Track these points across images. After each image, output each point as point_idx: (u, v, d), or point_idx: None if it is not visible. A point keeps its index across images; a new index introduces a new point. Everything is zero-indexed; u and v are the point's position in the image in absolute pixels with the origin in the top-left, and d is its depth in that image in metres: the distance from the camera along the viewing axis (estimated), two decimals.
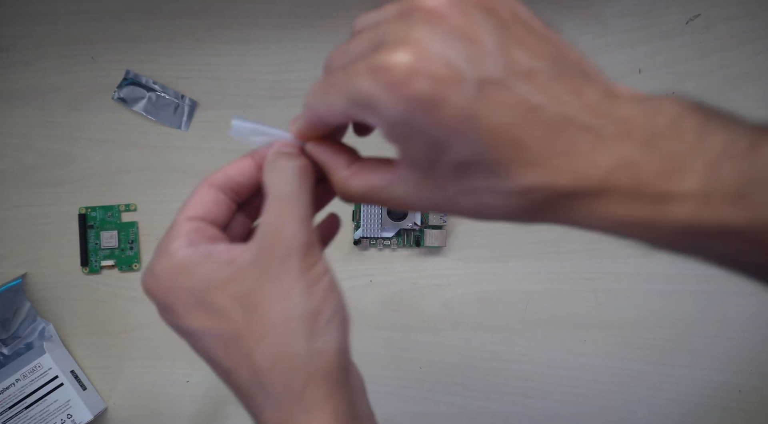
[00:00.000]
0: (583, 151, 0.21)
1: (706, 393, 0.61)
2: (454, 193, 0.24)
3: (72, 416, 0.58)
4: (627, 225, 0.21)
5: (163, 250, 0.28)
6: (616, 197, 0.21)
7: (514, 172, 0.22)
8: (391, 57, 0.21)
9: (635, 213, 0.21)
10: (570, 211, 0.22)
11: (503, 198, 0.23)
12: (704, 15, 0.61)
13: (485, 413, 0.61)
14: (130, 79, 0.61)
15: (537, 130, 0.21)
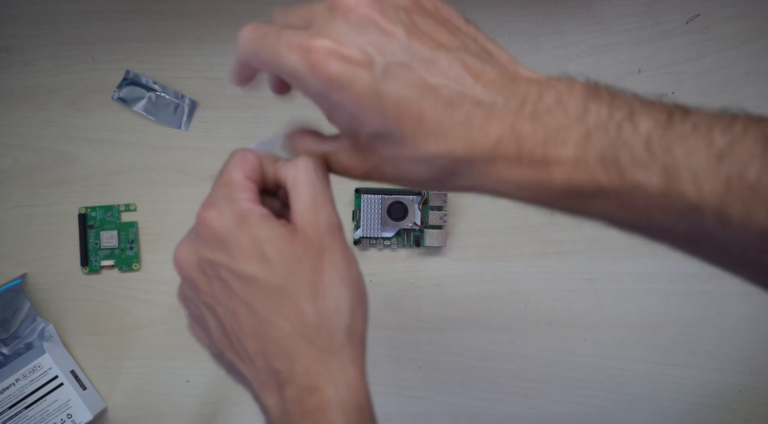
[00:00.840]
0: (476, 124, 0.24)
1: (706, 393, 0.61)
2: (377, 161, 0.28)
3: (72, 416, 0.58)
4: (518, 188, 0.25)
5: (228, 196, 0.29)
6: (505, 163, 0.24)
7: (418, 142, 0.25)
8: (314, 40, 0.26)
9: (523, 177, 0.24)
10: (471, 177, 0.26)
11: (415, 165, 0.26)
12: (704, 15, 0.61)
13: (485, 413, 0.61)
14: (130, 79, 0.61)
15: (436, 105, 0.25)
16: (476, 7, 0.61)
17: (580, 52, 0.61)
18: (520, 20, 0.61)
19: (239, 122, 0.62)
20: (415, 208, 0.60)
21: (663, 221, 0.23)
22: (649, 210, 0.23)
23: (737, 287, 0.60)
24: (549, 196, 0.25)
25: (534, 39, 0.61)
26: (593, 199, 0.24)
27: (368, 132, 0.27)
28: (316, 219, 0.29)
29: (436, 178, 0.27)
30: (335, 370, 0.27)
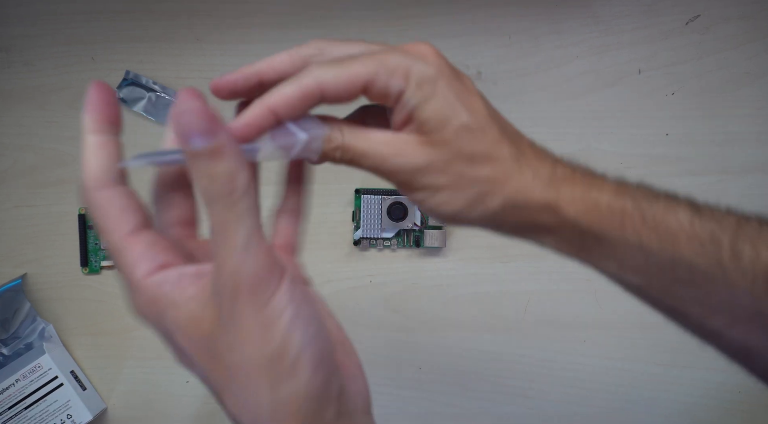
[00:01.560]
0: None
1: (706, 393, 0.61)
2: (447, 156, 0.28)
3: (72, 416, 0.58)
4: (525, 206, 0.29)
5: (131, 280, 0.24)
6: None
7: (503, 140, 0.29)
8: (416, 46, 0.28)
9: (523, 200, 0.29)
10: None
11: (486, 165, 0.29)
12: (704, 15, 0.61)
13: (485, 413, 0.61)
14: (130, 79, 0.61)
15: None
16: (476, 8, 0.61)
17: (580, 52, 0.61)
18: (520, 20, 0.61)
19: None
20: (415, 208, 0.60)
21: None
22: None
23: None
24: (533, 212, 0.29)
25: (534, 39, 0.61)
26: (542, 212, 0.29)
27: (462, 123, 0.27)
28: (219, 272, 0.22)
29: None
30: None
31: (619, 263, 0.28)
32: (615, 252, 0.28)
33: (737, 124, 0.61)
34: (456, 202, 0.28)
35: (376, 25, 0.61)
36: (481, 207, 0.28)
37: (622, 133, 0.61)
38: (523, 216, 0.28)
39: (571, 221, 0.28)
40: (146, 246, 0.23)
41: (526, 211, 0.28)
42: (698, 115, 0.61)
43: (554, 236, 0.29)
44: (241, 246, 0.21)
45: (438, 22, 0.61)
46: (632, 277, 0.28)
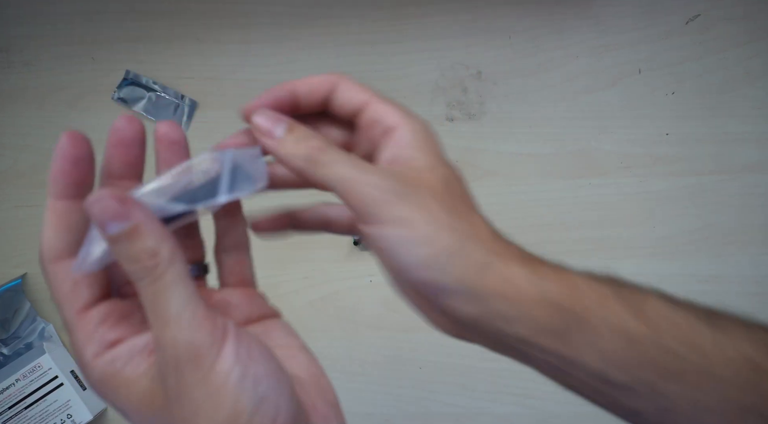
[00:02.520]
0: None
1: None
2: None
3: (72, 416, 0.58)
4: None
5: (81, 361, 0.23)
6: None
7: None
8: None
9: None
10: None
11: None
12: (704, 15, 0.61)
13: (485, 413, 0.61)
14: (130, 79, 0.61)
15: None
16: (477, 8, 0.61)
17: (580, 53, 0.61)
18: (520, 20, 0.61)
19: (239, 122, 0.62)
20: None
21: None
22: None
23: (736, 287, 0.60)
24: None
25: (534, 39, 0.61)
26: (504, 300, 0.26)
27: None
28: (158, 348, 0.21)
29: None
30: None
31: (601, 354, 0.25)
32: (599, 340, 0.25)
33: (737, 124, 0.61)
34: (427, 246, 0.26)
35: (376, 25, 0.61)
36: (456, 263, 0.25)
37: (622, 133, 0.61)
38: (497, 294, 0.25)
39: (553, 303, 0.25)
40: (96, 324, 0.23)
41: (500, 290, 0.25)
42: (698, 115, 0.61)
43: (530, 322, 0.25)
44: (174, 318, 0.21)
45: (438, 22, 0.61)
46: (618, 373, 0.25)
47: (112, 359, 0.22)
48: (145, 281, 0.21)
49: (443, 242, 0.24)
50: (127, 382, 0.22)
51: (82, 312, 0.23)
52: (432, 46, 0.61)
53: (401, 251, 0.25)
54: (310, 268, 0.61)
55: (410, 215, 0.25)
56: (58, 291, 0.23)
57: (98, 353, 0.22)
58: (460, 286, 0.25)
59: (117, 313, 0.23)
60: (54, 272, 0.23)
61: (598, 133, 0.61)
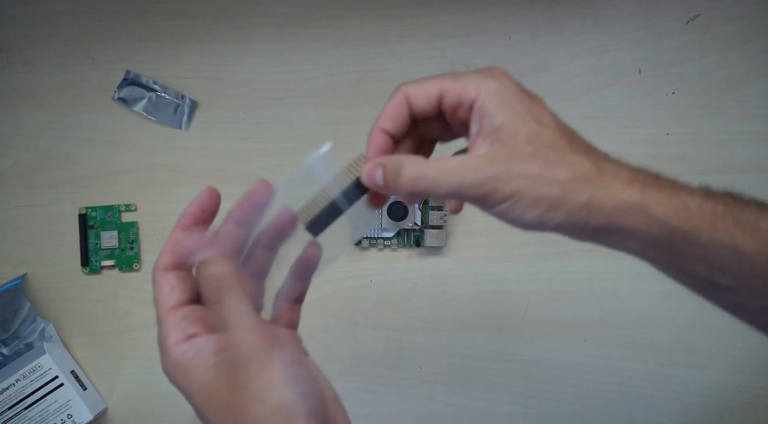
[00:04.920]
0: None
1: (706, 393, 0.61)
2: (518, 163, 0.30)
3: (72, 416, 0.58)
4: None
5: (163, 346, 0.29)
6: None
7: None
8: (489, 69, 0.32)
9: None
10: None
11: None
12: (704, 15, 0.61)
13: (485, 413, 0.61)
14: (130, 79, 0.61)
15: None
16: (477, 8, 0.61)
17: (580, 52, 0.61)
18: (520, 20, 0.61)
19: (239, 122, 0.62)
20: (416, 208, 0.60)
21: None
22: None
23: None
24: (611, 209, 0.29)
25: (534, 39, 0.61)
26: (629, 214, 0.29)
27: (533, 130, 0.30)
28: (232, 344, 0.28)
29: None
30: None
31: (708, 265, 0.28)
32: (706, 254, 0.28)
33: (737, 124, 0.61)
34: (538, 207, 0.29)
35: (376, 25, 0.61)
36: (565, 208, 0.28)
37: (622, 133, 0.61)
38: (608, 218, 0.28)
39: (660, 221, 0.28)
40: (181, 319, 0.29)
41: (611, 212, 0.28)
42: (698, 115, 0.61)
43: (640, 238, 0.29)
44: (234, 327, 0.28)
45: (438, 22, 0.61)
46: (722, 278, 0.28)
47: (186, 349, 0.28)
48: (214, 296, 0.28)
49: (551, 196, 0.28)
50: (195, 370, 0.28)
51: (173, 310, 0.29)
52: (432, 46, 0.61)
53: (522, 217, 0.29)
54: None
55: (514, 191, 0.28)
56: (159, 292, 0.30)
57: (178, 341, 0.28)
58: (573, 222, 0.29)
59: (197, 315, 0.30)
60: (159, 278, 0.30)
61: (598, 133, 0.61)
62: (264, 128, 0.61)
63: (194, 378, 0.28)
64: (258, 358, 0.27)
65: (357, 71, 0.61)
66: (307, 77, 0.61)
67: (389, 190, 0.31)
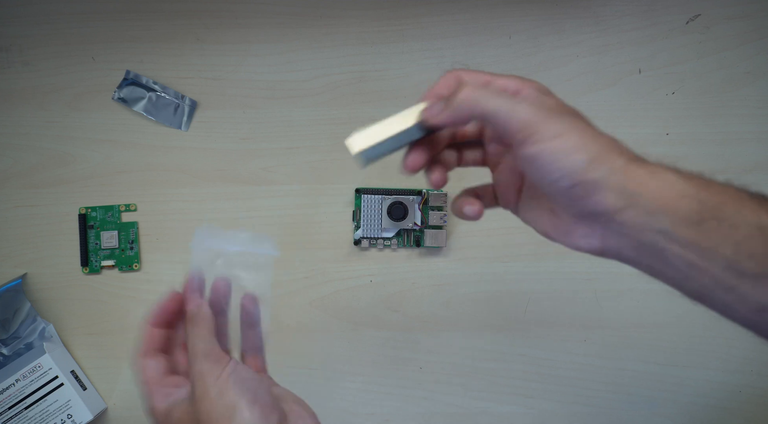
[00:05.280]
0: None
1: (706, 393, 0.61)
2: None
3: (72, 416, 0.58)
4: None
5: (151, 408, 0.35)
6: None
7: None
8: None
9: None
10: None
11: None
12: (704, 15, 0.61)
13: (485, 413, 0.61)
14: (130, 79, 0.61)
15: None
16: (477, 8, 0.61)
17: (580, 52, 0.61)
18: (520, 20, 0.61)
19: (239, 122, 0.62)
20: (416, 208, 0.60)
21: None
22: None
23: None
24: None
25: (534, 39, 0.61)
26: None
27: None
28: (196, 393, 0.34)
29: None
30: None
31: (736, 247, 0.28)
32: (735, 232, 0.28)
33: (737, 124, 0.61)
34: (585, 152, 0.30)
35: (377, 25, 0.61)
36: (606, 165, 0.30)
37: (622, 133, 0.60)
38: (641, 187, 0.29)
39: (690, 194, 0.29)
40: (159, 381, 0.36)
41: (644, 181, 0.29)
42: (698, 114, 0.61)
43: (670, 213, 0.29)
44: (198, 353, 0.34)
45: (438, 22, 0.61)
46: (750, 263, 0.28)
47: (166, 395, 0.35)
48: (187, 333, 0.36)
49: (595, 147, 0.30)
50: (176, 406, 0.34)
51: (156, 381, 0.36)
52: (432, 46, 0.61)
53: (561, 158, 0.30)
54: (310, 268, 0.61)
55: (563, 130, 0.30)
56: (140, 375, 0.37)
57: (163, 400, 0.35)
58: (611, 182, 0.29)
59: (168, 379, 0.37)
60: (144, 365, 0.37)
61: None
62: (264, 128, 0.61)
63: (180, 412, 0.34)
64: (211, 374, 0.34)
65: (357, 71, 0.61)
66: (307, 77, 0.61)
67: (449, 112, 0.32)
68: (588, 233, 0.32)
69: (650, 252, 0.30)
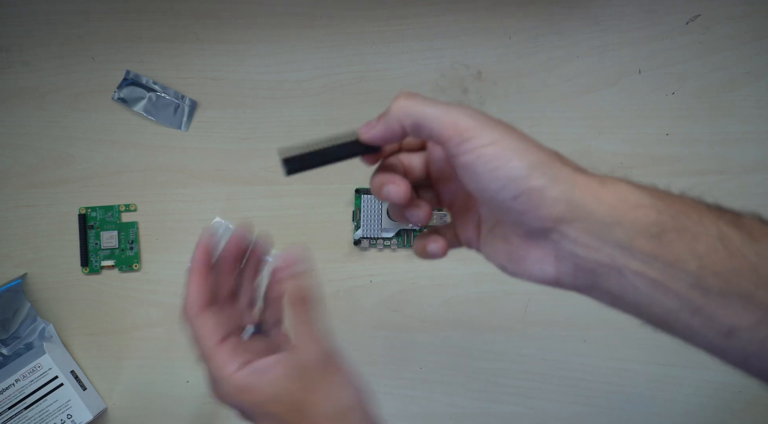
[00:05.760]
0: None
1: (706, 393, 0.61)
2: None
3: (72, 416, 0.58)
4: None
5: (220, 376, 0.34)
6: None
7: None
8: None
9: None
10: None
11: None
12: (704, 15, 0.61)
13: (485, 413, 0.61)
14: (130, 79, 0.61)
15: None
16: (477, 8, 0.61)
17: (580, 53, 0.61)
18: (520, 20, 0.61)
19: (239, 122, 0.62)
20: None
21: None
22: None
23: None
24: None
25: (534, 39, 0.61)
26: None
27: None
28: (305, 353, 0.34)
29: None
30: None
31: (699, 261, 0.25)
32: (697, 244, 0.26)
33: (737, 124, 0.61)
34: (523, 158, 0.28)
35: (376, 25, 0.61)
36: (552, 171, 0.28)
37: (622, 133, 0.61)
38: (596, 199, 0.27)
39: (645, 204, 0.26)
40: (231, 350, 0.34)
41: (596, 193, 0.27)
42: (698, 115, 0.61)
43: (625, 227, 0.26)
44: (301, 344, 0.34)
45: (438, 22, 0.61)
46: (716, 280, 0.25)
47: (248, 372, 0.33)
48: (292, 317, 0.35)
49: (536, 155, 0.28)
50: (261, 385, 0.33)
51: (218, 345, 0.34)
52: (432, 46, 0.61)
53: (499, 165, 0.27)
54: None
55: (499, 137, 0.28)
56: (199, 333, 0.35)
57: (239, 368, 0.33)
58: (557, 190, 0.27)
59: (241, 345, 0.35)
60: (197, 320, 0.35)
61: (598, 134, 0.61)
62: (264, 128, 0.61)
63: (263, 391, 0.33)
64: (320, 367, 0.34)
65: (357, 71, 0.61)
66: (307, 77, 0.61)
67: (382, 124, 0.31)
68: (540, 258, 0.30)
69: (608, 273, 0.27)
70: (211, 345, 0.34)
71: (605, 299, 0.29)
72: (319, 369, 0.34)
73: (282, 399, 0.33)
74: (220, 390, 0.34)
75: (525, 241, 0.30)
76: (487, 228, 0.34)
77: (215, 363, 0.34)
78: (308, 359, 0.34)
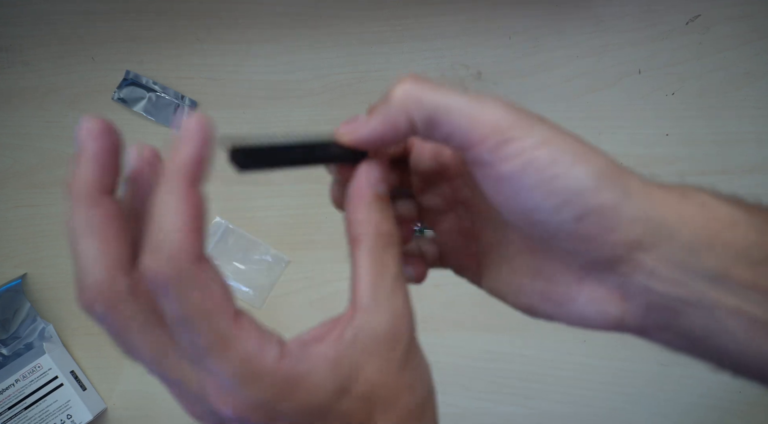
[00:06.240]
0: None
1: (706, 393, 0.61)
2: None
3: (72, 416, 0.58)
4: None
5: (261, 366, 0.20)
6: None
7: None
8: None
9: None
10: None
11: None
12: (704, 15, 0.61)
13: (485, 413, 0.61)
14: (130, 79, 0.61)
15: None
16: (477, 8, 0.61)
17: (580, 53, 0.61)
18: (520, 20, 0.61)
19: (239, 122, 0.62)
20: None
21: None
22: None
23: None
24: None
25: (534, 39, 0.61)
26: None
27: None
28: (374, 333, 0.25)
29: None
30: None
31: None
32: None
33: (737, 124, 0.61)
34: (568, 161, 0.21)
35: (377, 25, 0.61)
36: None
37: (622, 133, 0.61)
38: (650, 210, 0.21)
39: (743, 219, 0.21)
40: (257, 328, 0.21)
41: (659, 203, 0.21)
42: (698, 115, 0.61)
43: (725, 248, 0.20)
44: (399, 311, 0.26)
45: (438, 22, 0.61)
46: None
47: (301, 357, 0.21)
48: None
49: (600, 160, 0.20)
50: (316, 371, 0.21)
51: (236, 321, 0.20)
52: (432, 46, 0.61)
53: (559, 173, 0.20)
54: (310, 268, 0.61)
55: (550, 135, 0.21)
56: (206, 295, 0.19)
57: (280, 355, 0.21)
58: (633, 207, 0.20)
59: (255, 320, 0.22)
60: (202, 275, 0.19)
61: (598, 134, 0.61)
62: (264, 128, 0.61)
63: (322, 381, 0.22)
64: (408, 341, 0.24)
65: (357, 71, 0.61)
66: (307, 77, 0.61)
67: (379, 118, 0.23)
68: (599, 297, 0.22)
69: (692, 314, 0.21)
70: (225, 323, 0.20)
71: (678, 343, 0.23)
72: (404, 346, 0.23)
73: (354, 392, 0.22)
74: (255, 388, 0.20)
75: (577, 276, 0.22)
76: (499, 258, 0.27)
77: (235, 351, 0.20)
78: (396, 331, 0.23)
